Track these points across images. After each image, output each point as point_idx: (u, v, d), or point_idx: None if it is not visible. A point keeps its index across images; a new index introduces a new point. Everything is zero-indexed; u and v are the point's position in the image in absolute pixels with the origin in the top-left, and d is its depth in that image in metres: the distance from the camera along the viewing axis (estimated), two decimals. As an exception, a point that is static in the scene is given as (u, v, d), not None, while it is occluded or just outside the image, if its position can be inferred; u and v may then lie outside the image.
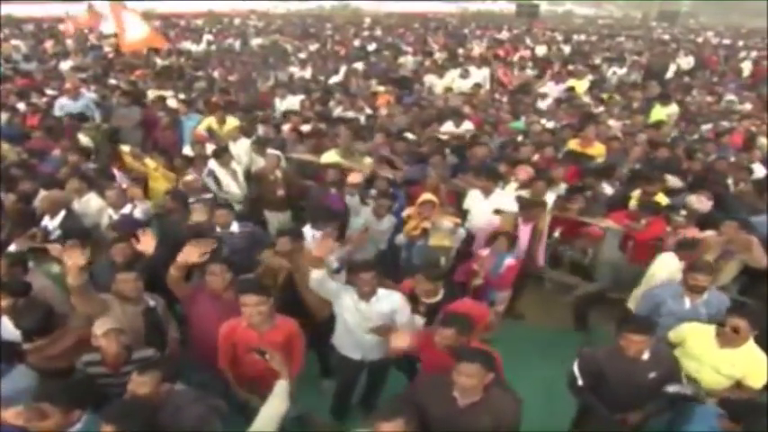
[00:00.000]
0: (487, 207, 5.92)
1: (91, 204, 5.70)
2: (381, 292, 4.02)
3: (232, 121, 8.55)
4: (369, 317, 3.99)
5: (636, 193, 6.33)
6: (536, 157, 7.17)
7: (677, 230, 5.52)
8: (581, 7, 55.37)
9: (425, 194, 5.57)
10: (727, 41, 29.79)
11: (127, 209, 5.43)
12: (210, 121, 8.48)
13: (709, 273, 4.37)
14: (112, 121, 8.96)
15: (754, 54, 22.67)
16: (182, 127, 8.84)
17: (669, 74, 16.69)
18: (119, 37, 12.07)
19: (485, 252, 5.35)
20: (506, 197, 5.97)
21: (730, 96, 12.80)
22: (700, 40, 29.87)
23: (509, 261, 5.30)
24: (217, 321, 3.79)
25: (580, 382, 3.82)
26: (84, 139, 7.88)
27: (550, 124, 9.00)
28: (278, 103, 10.70)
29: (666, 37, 30.26)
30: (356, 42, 20.82)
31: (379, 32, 25.54)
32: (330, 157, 7.44)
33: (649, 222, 5.66)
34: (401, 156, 7.16)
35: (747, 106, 12.03)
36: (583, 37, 27.53)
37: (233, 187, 6.99)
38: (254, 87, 12.51)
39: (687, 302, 4.40)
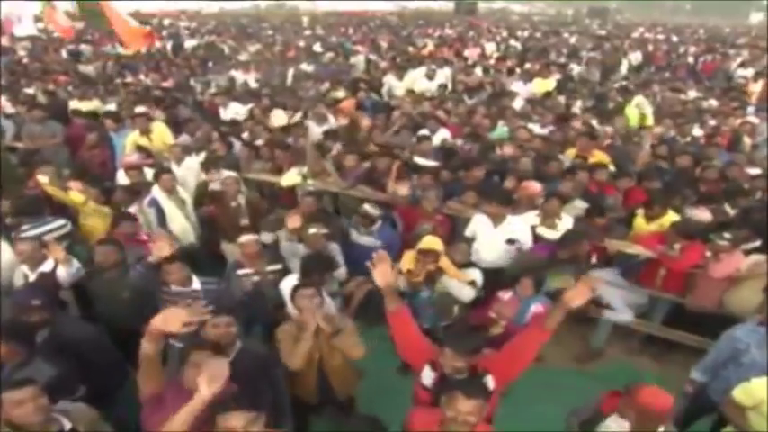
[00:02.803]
0: (498, 237, 4.98)
1: (-2, 258, 4.38)
2: None
3: (159, 128, 7.35)
4: None
5: (641, 211, 5.51)
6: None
7: (719, 256, 4.78)
8: (514, 4, 56.29)
9: (429, 241, 4.36)
10: (660, 36, 30.32)
11: (47, 266, 4.13)
12: (134, 136, 7.19)
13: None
14: (23, 140, 7.47)
15: (692, 49, 22.99)
16: (112, 145, 7.49)
17: (623, 70, 16.49)
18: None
19: (506, 295, 4.41)
20: (521, 224, 5.05)
21: (694, 93, 12.47)
22: (635, 35, 30.24)
23: (536, 307, 4.32)
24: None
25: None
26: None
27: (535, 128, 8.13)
28: (222, 113, 9.44)
29: (603, 33, 30.51)
30: (300, 43, 19.56)
31: (321, 32, 24.37)
32: (291, 177, 6.36)
33: (684, 248, 4.88)
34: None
35: (713, 102, 11.70)
36: (527, 33, 27.28)
37: (180, 220, 5.77)
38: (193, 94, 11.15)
39: (776, 354, 3.59)
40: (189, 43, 18.96)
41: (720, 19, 46.95)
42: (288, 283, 3.93)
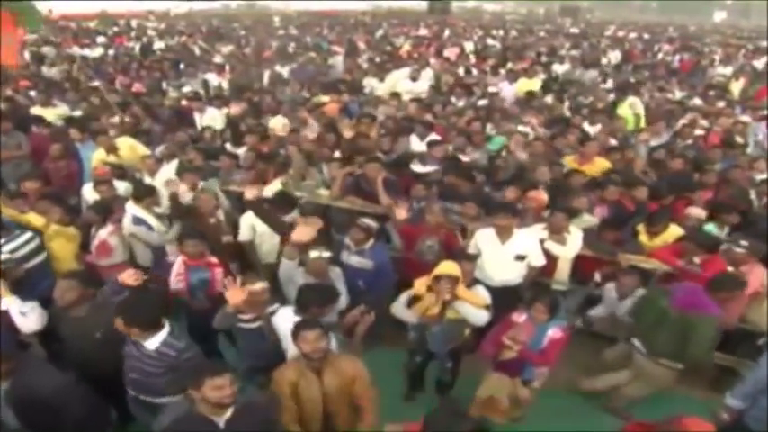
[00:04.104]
0: (507, 253, 4.60)
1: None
2: None
3: (126, 142, 6.81)
4: None
5: (642, 227, 5.19)
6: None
7: (739, 267, 4.49)
8: (487, 4, 56.39)
9: (446, 266, 3.86)
10: (633, 35, 30.45)
11: (2, 304, 3.60)
12: (100, 154, 6.64)
13: None
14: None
15: (665, 47, 23.05)
16: (79, 157, 6.91)
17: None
18: None
19: (520, 318, 4.03)
20: (529, 238, 4.67)
21: (680, 92, 12.31)
22: (608, 33, 30.32)
23: (554, 332, 3.95)
24: None
25: None
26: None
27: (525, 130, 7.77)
28: (198, 119, 8.89)
29: (576, 31, 30.55)
30: (274, 44, 18.95)
31: (294, 32, 23.79)
32: (275, 188, 5.89)
33: (705, 262, 4.56)
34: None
35: (697, 101, 11.54)
36: (501, 32, 27.08)
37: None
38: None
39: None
40: (158, 45, 18.22)
41: (686, 17, 47.74)
42: (283, 318, 3.47)
